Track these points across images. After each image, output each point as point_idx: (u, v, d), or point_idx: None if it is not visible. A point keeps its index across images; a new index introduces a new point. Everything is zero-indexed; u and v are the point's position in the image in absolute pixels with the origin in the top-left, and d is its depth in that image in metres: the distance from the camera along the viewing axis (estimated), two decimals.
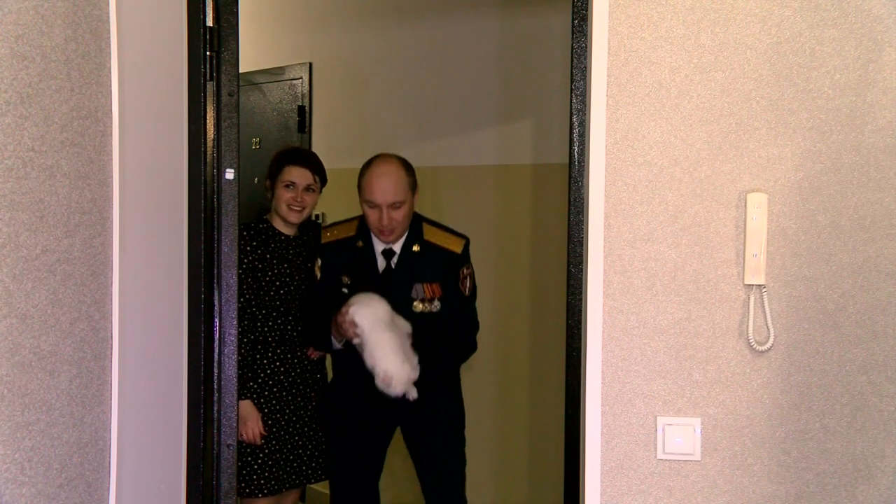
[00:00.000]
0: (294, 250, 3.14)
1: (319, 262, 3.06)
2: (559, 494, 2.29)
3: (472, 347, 3.10)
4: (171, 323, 2.31)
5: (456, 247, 3.01)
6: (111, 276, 2.00)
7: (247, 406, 2.96)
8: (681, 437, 1.87)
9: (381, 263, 3.01)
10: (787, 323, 1.85)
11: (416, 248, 3.00)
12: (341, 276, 3.03)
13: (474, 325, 3.10)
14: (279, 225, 3.12)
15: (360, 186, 2.96)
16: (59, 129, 1.75)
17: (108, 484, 2.00)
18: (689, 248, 1.88)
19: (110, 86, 1.98)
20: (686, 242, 1.88)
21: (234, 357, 2.40)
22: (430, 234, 3.03)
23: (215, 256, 2.37)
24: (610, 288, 1.90)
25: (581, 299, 2.09)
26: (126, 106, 2.02)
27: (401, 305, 2.95)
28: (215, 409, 2.39)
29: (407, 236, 3.00)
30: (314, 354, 3.16)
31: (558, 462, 2.30)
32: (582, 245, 2.07)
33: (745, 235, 1.85)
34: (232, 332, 2.41)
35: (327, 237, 3.08)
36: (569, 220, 2.15)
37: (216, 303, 2.39)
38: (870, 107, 1.82)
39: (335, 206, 4.21)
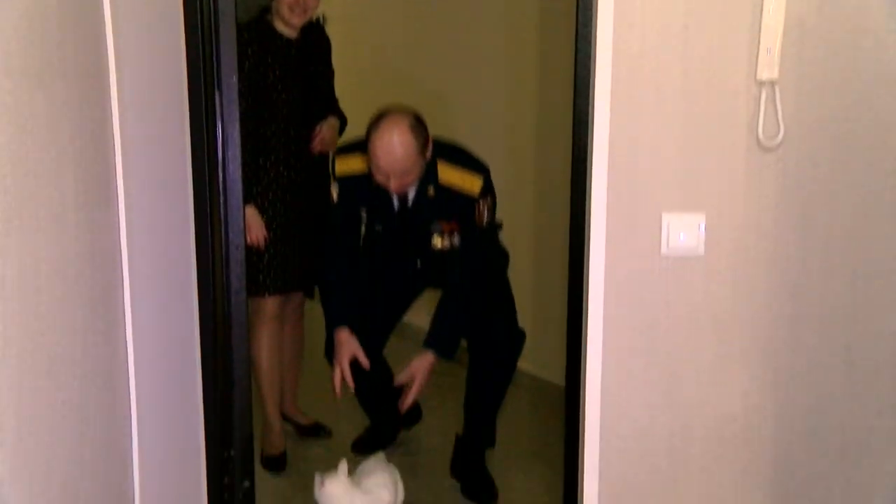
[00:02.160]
0: (296, 53, 3.07)
1: (337, 187, 2.91)
2: (562, 310, 2.33)
3: (496, 274, 3.02)
4: (173, 127, 2.29)
5: (473, 187, 2.79)
6: (108, 79, 1.96)
7: (250, 212, 2.98)
8: (685, 232, 1.89)
9: (396, 203, 2.88)
10: (797, 120, 1.83)
11: (430, 191, 2.82)
12: (359, 208, 2.94)
13: (493, 257, 3.01)
14: (281, 27, 3.03)
15: (367, 144, 2.72)
16: None
17: (123, 300, 2.04)
18: (701, 42, 1.83)
19: None
20: (698, 37, 1.83)
21: (239, 158, 2.39)
22: (446, 174, 2.80)
23: (214, 59, 2.32)
24: (618, 85, 1.87)
25: (588, 101, 2.06)
26: None
27: (419, 243, 2.90)
28: (222, 210, 2.41)
29: (421, 179, 2.81)
30: (317, 149, 3.15)
31: (562, 278, 2.33)
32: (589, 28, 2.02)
33: (760, 29, 1.80)
34: (234, 133, 2.39)
35: (342, 168, 2.89)
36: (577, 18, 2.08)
37: (218, 105, 2.36)
38: None
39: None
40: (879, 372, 1.88)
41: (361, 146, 2.80)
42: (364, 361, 2.88)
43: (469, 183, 2.80)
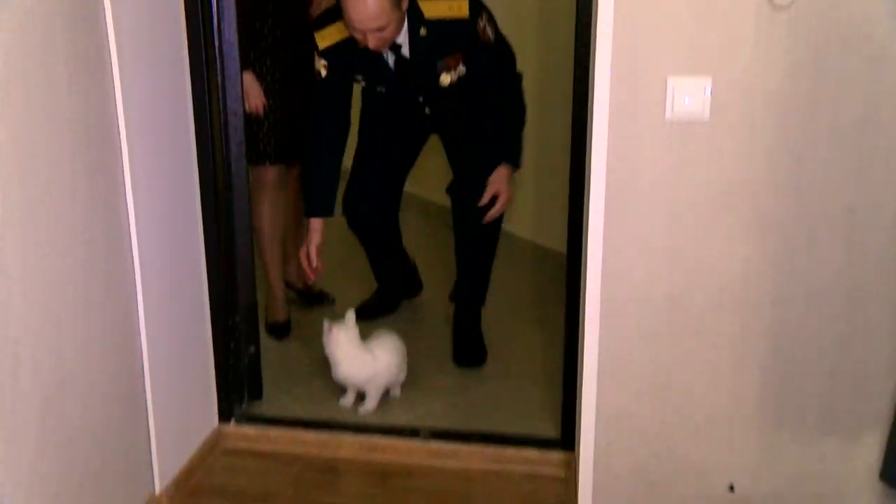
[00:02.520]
0: None
1: (324, 62, 2.79)
2: (564, 176, 2.31)
3: (517, 90, 2.95)
4: None
5: (462, 10, 2.69)
6: None
7: (247, 78, 2.92)
8: (690, 97, 1.86)
9: (390, 58, 2.78)
10: None
11: (422, 31, 2.71)
12: (353, 74, 2.86)
13: (509, 72, 2.92)
14: None
15: (339, 6, 2.59)
16: None
17: (120, 147, 2.02)
18: None
19: None
20: None
21: (234, 22, 2.34)
22: (430, 9, 2.70)
23: None
24: None
25: None
26: None
27: (426, 86, 2.84)
28: (219, 76, 2.37)
29: (407, 24, 2.69)
30: (316, 13, 3.06)
31: (564, 143, 2.31)
32: None
33: None
34: None
35: (324, 43, 2.76)
36: None
37: None
38: None
39: None
40: (883, 235, 1.88)
41: (334, 13, 2.70)
42: (314, 261, 2.91)
43: (456, 8, 2.71)
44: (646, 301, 2.01)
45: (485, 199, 2.89)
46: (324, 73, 2.82)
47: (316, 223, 2.91)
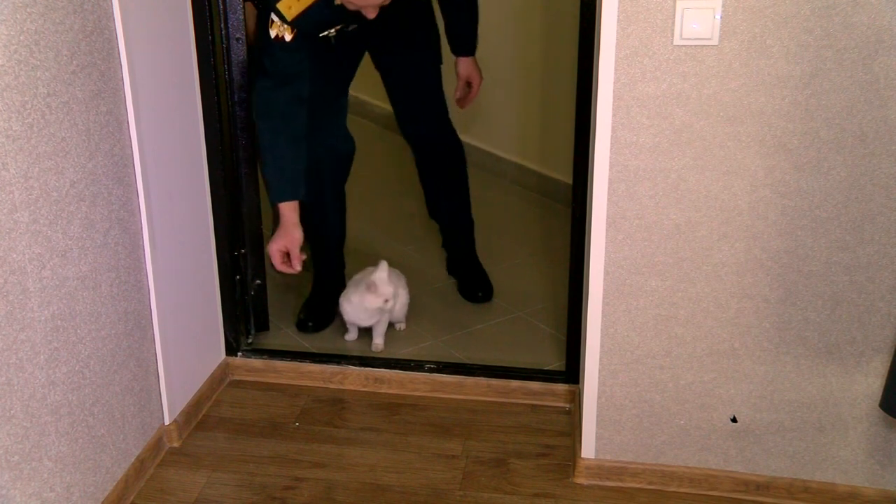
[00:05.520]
0: None
1: (288, 27, 2.35)
2: (571, 104, 2.28)
3: None
4: None
5: None
6: None
7: (246, 8, 2.87)
8: (699, 21, 1.82)
9: None
10: None
11: None
12: (324, 31, 2.47)
13: None
14: None
15: None
16: None
17: (121, 74, 2.00)
18: None
19: None
20: None
21: None
22: None
23: None
24: None
25: None
26: None
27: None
28: (220, 3, 2.33)
29: None
30: None
31: (571, 66, 2.27)
32: None
33: None
34: None
35: (292, 10, 2.31)
36: None
37: None
38: None
39: None
40: (894, 163, 1.85)
41: None
42: (297, 264, 2.53)
43: None
44: (651, 232, 2.00)
45: (459, 92, 2.90)
46: (289, 37, 2.37)
47: (291, 214, 2.48)
